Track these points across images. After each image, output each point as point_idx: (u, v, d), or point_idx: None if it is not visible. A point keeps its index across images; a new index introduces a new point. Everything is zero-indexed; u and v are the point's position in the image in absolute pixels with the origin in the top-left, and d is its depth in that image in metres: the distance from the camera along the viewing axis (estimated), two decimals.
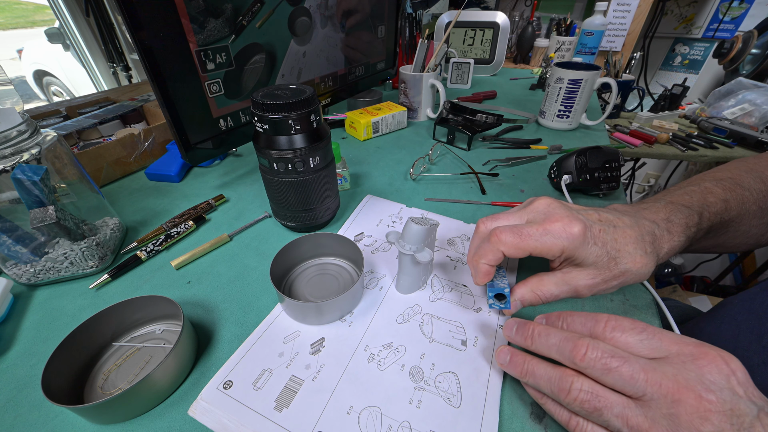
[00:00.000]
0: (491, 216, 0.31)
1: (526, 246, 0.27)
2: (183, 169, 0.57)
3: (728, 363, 0.19)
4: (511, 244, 0.27)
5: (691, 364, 0.19)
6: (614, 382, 0.20)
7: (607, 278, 0.28)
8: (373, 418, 0.25)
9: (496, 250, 0.28)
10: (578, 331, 0.24)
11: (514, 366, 0.25)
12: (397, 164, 0.59)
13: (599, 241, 0.27)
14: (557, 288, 0.29)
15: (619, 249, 0.27)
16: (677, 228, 0.29)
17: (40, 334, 0.33)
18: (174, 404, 0.27)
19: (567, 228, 0.27)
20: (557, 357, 0.23)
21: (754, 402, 0.18)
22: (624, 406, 0.20)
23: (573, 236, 0.27)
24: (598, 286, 0.28)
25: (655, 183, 1.80)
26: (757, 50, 1.19)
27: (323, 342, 0.30)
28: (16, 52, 2.75)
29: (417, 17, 0.96)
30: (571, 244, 0.27)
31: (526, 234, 0.27)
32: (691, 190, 0.33)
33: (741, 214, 0.33)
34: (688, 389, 0.18)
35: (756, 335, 0.30)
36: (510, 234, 0.28)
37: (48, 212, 0.33)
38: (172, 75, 0.41)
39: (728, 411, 0.18)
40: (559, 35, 1.14)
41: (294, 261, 0.38)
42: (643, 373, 0.19)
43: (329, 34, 0.62)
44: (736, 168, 0.36)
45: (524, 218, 0.30)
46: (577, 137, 0.69)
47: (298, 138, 0.35)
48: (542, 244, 0.27)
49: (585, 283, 0.28)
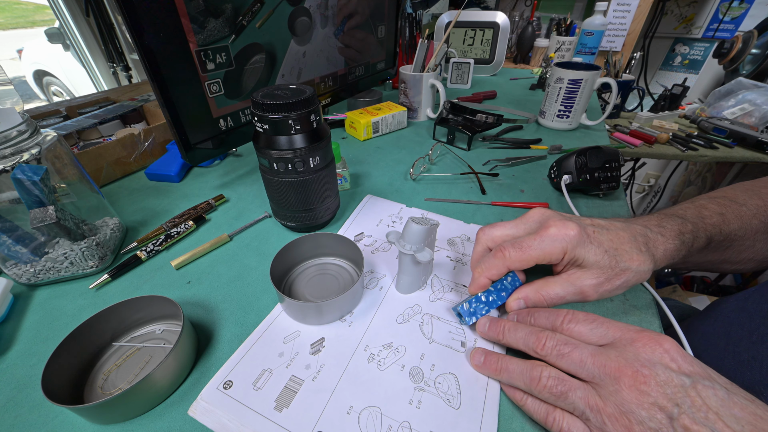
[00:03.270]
0: (490, 225, 0.33)
1: (528, 257, 0.29)
2: (183, 169, 0.57)
3: (661, 344, 0.22)
4: (515, 258, 0.29)
5: (630, 346, 0.22)
6: (569, 367, 0.23)
7: (610, 276, 0.28)
8: (373, 418, 0.25)
9: (501, 265, 0.30)
10: (542, 325, 0.27)
11: (488, 365, 0.27)
12: (397, 164, 0.59)
13: (595, 240, 0.29)
14: (562, 289, 0.29)
15: (616, 248, 0.29)
16: (670, 233, 0.30)
17: (40, 334, 0.33)
18: (174, 404, 0.27)
19: (562, 230, 0.28)
20: (524, 348, 0.26)
21: (687, 375, 0.20)
22: (584, 389, 0.22)
23: (570, 237, 0.28)
24: (603, 285, 0.28)
25: (655, 183, 1.79)
26: (757, 50, 1.19)
27: (323, 342, 0.30)
28: (16, 52, 2.75)
29: (417, 17, 0.96)
30: (569, 245, 0.28)
31: (527, 246, 0.29)
32: (685, 206, 0.34)
33: (742, 227, 0.33)
34: (626, 367, 0.21)
35: (746, 332, 0.31)
36: (513, 249, 0.29)
37: (48, 212, 0.33)
38: (172, 75, 0.41)
39: (662, 383, 0.20)
40: (559, 35, 1.14)
41: (294, 261, 0.38)
42: (590, 357, 0.23)
43: (329, 34, 0.62)
44: (732, 189, 0.37)
45: (521, 228, 0.31)
46: (577, 137, 0.69)
47: (298, 138, 0.35)
48: (542, 250, 0.28)
49: (590, 283, 0.28)
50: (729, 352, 0.21)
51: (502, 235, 0.32)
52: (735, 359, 0.22)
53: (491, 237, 0.32)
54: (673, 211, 0.33)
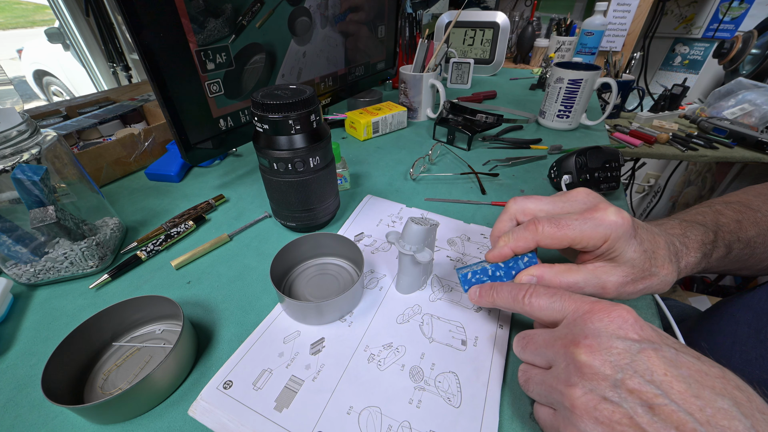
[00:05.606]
0: (524, 196, 0.30)
1: (564, 236, 0.26)
2: (183, 169, 0.57)
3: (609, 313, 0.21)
4: (549, 234, 0.26)
5: (580, 320, 0.22)
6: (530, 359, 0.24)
7: (637, 278, 0.27)
8: (373, 418, 0.25)
9: (530, 239, 0.27)
10: (504, 300, 0.26)
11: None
12: (397, 164, 0.59)
13: (638, 237, 0.27)
14: (583, 279, 0.27)
15: (654, 251, 0.27)
16: (693, 244, 0.29)
17: (40, 334, 0.33)
18: (174, 404, 0.27)
19: (612, 217, 0.26)
20: None
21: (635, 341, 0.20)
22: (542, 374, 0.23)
23: (618, 225, 0.25)
24: (626, 286, 0.27)
25: (655, 183, 1.79)
26: (757, 50, 1.19)
27: (323, 342, 0.30)
28: (16, 52, 2.74)
29: (417, 17, 0.96)
30: (615, 233, 0.26)
31: (565, 224, 0.26)
32: (703, 211, 0.33)
33: (760, 234, 0.32)
34: (572, 342, 0.21)
35: (754, 330, 0.31)
36: (548, 224, 0.27)
37: (48, 212, 0.33)
38: (172, 75, 0.41)
39: (604, 350, 0.20)
40: (559, 35, 1.14)
41: (294, 261, 0.38)
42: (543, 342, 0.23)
43: (329, 34, 0.62)
44: (744, 193, 0.36)
45: (559, 205, 0.29)
46: (577, 137, 0.69)
47: (298, 138, 0.35)
48: (582, 232, 0.26)
49: (615, 280, 0.26)
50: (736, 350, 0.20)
51: (536, 208, 0.29)
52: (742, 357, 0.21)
53: (523, 209, 0.29)
54: (692, 217, 0.32)
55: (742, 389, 0.18)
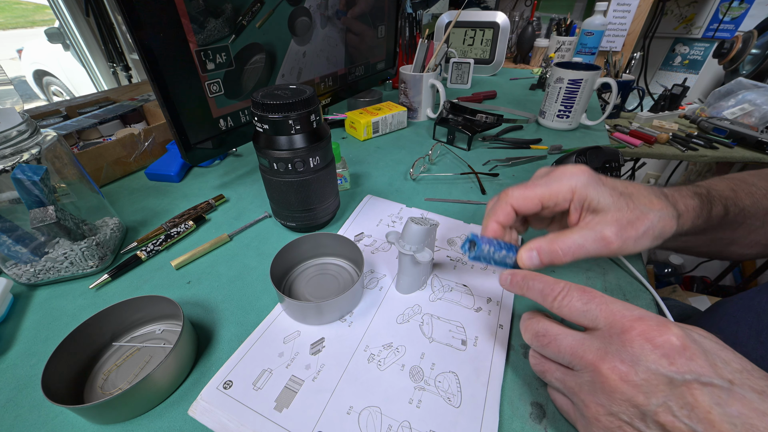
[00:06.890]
0: None
1: (532, 194, 0.28)
2: (183, 169, 0.57)
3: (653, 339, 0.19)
4: (518, 195, 0.29)
5: (618, 339, 0.20)
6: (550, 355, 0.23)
7: (631, 219, 0.26)
8: (373, 418, 0.25)
9: (505, 204, 0.29)
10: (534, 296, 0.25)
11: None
12: (397, 164, 0.59)
13: (608, 183, 0.28)
14: (581, 236, 0.26)
15: (630, 193, 0.27)
16: (685, 192, 0.30)
17: (40, 334, 0.33)
18: (174, 404, 0.27)
19: (571, 170, 0.28)
20: None
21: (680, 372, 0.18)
22: (562, 372, 0.23)
23: (579, 172, 0.27)
24: (626, 230, 0.26)
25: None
26: (757, 50, 1.19)
27: (323, 342, 0.30)
28: (16, 52, 2.74)
29: (417, 17, 0.96)
30: (578, 181, 0.27)
31: (532, 185, 0.29)
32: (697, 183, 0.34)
33: (754, 204, 0.33)
34: (605, 361, 0.20)
35: (755, 331, 0.31)
36: (517, 188, 0.29)
37: (48, 212, 0.33)
38: (172, 75, 0.41)
39: (642, 381, 0.18)
40: (559, 35, 1.14)
41: (294, 261, 0.38)
42: (569, 348, 0.22)
43: (329, 34, 0.62)
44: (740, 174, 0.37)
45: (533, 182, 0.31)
46: (577, 137, 0.69)
47: (298, 138, 0.35)
48: (548, 187, 0.28)
49: (611, 228, 0.26)
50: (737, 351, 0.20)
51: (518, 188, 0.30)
52: None
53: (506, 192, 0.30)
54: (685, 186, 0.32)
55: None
